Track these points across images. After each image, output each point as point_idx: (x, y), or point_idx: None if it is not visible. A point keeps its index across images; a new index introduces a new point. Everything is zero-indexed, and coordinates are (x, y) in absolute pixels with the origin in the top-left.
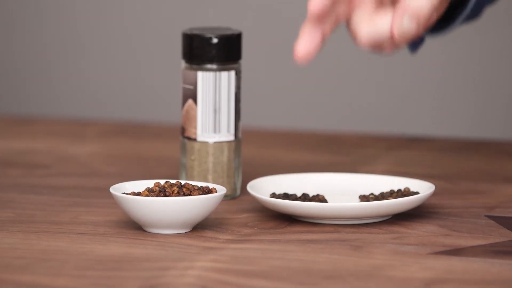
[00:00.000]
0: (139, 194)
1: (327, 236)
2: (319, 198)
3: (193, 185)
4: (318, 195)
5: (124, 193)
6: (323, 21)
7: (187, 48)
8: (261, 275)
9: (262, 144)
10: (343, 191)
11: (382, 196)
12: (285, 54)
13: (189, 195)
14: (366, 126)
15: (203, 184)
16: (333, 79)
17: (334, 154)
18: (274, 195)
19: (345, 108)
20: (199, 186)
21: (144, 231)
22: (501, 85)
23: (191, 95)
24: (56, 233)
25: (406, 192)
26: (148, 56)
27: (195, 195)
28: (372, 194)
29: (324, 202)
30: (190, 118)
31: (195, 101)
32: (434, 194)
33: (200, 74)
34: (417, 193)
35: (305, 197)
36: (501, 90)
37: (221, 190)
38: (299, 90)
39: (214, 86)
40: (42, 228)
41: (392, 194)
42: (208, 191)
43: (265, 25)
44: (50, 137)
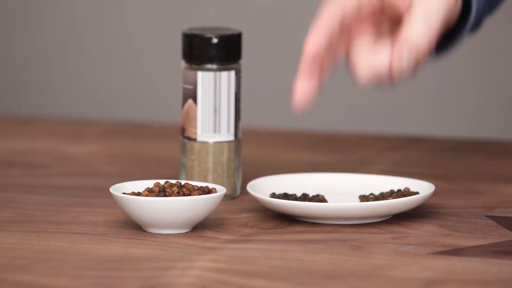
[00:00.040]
0: (139, 194)
1: (327, 236)
2: (319, 198)
3: (193, 185)
4: (318, 195)
5: (124, 193)
6: (320, 62)
7: (187, 48)
8: (261, 275)
9: (262, 144)
10: (343, 191)
11: (382, 196)
12: (285, 54)
13: (189, 195)
14: (366, 126)
15: (203, 184)
16: (333, 79)
17: (334, 154)
18: (274, 195)
19: (345, 108)
20: (199, 186)
21: (144, 231)
22: (501, 85)
23: (191, 95)
24: (56, 233)
25: (406, 192)
26: (148, 56)
27: (195, 195)
28: (372, 194)
29: (324, 202)
30: (190, 118)
31: (195, 101)
32: (434, 194)
33: (200, 74)
34: (417, 193)
35: (305, 197)
36: (501, 90)
37: (221, 190)
38: None
39: (214, 86)
40: (42, 228)
41: (392, 194)
42: (208, 191)
43: (265, 25)
44: (50, 137)
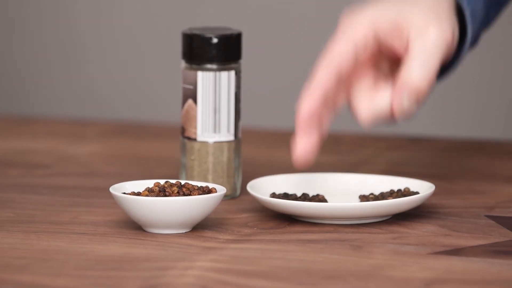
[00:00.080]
0: (139, 194)
1: (327, 236)
2: (319, 198)
3: (193, 185)
4: (318, 195)
5: (124, 193)
6: (318, 118)
7: (187, 48)
8: (261, 275)
9: (262, 144)
10: (343, 191)
11: (382, 196)
12: (285, 54)
13: (189, 195)
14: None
15: (203, 184)
16: None
17: (334, 154)
18: (274, 195)
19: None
20: (199, 186)
21: (144, 231)
22: (501, 85)
23: (191, 95)
24: (56, 233)
25: (406, 192)
26: (148, 56)
27: (195, 195)
28: (372, 194)
29: (324, 202)
30: (190, 118)
31: (195, 101)
32: (434, 194)
33: (200, 74)
34: (417, 193)
35: (305, 197)
36: (501, 90)
37: (221, 190)
38: (299, 90)
39: (214, 86)
40: (42, 228)
41: (392, 194)
42: (208, 191)
43: (265, 25)
44: (50, 137)
